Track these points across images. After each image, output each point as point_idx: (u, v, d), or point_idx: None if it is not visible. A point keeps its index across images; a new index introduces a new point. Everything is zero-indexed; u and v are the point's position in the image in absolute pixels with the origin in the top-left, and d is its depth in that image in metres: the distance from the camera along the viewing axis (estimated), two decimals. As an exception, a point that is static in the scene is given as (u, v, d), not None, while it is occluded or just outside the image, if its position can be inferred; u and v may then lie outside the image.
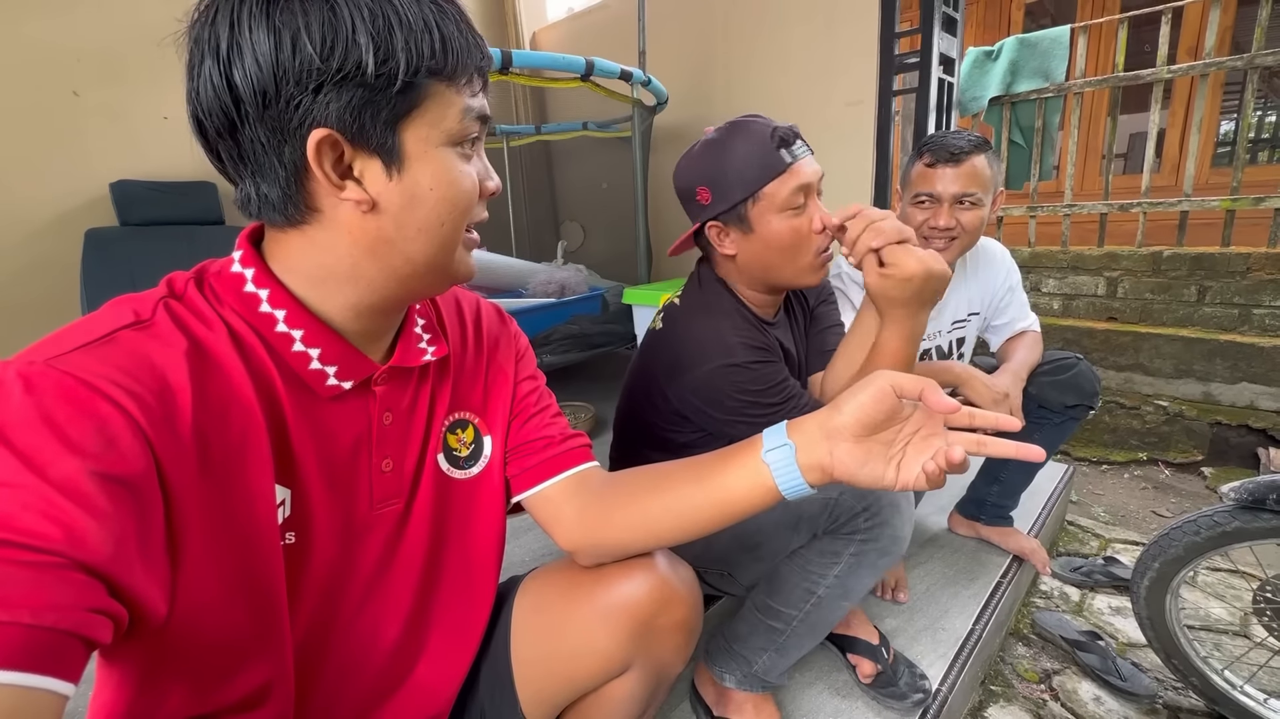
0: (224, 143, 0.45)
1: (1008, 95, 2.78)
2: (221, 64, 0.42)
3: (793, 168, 0.83)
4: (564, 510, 0.64)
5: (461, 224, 0.51)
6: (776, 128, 0.84)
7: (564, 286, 2.51)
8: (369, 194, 0.46)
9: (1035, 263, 2.77)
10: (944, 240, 1.21)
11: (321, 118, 0.43)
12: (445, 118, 0.47)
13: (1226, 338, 2.26)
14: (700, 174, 0.87)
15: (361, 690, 0.59)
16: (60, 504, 0.35)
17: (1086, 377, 1.28)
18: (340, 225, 0.47)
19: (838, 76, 2.47)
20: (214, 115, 0.44)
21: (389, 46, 0.43)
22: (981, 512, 1.49)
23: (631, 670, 0.62)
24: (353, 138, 0.44)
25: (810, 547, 0.82)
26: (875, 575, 0.81)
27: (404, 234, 0.48)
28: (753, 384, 0.85)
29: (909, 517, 0.81)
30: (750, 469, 0.56)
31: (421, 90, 0.45)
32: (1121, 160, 4.51)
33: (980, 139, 1.19)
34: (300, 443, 0.50)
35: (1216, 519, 1.02)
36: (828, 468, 0.53)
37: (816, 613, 0.84)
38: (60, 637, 0.34)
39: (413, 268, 0.50)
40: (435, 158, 0.47)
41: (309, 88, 0.42)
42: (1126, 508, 2.04)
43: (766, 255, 0.86)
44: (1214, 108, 3.29)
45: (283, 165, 0.44)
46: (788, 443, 0.54)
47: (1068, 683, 1.23)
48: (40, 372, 0.38)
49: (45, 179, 2.22)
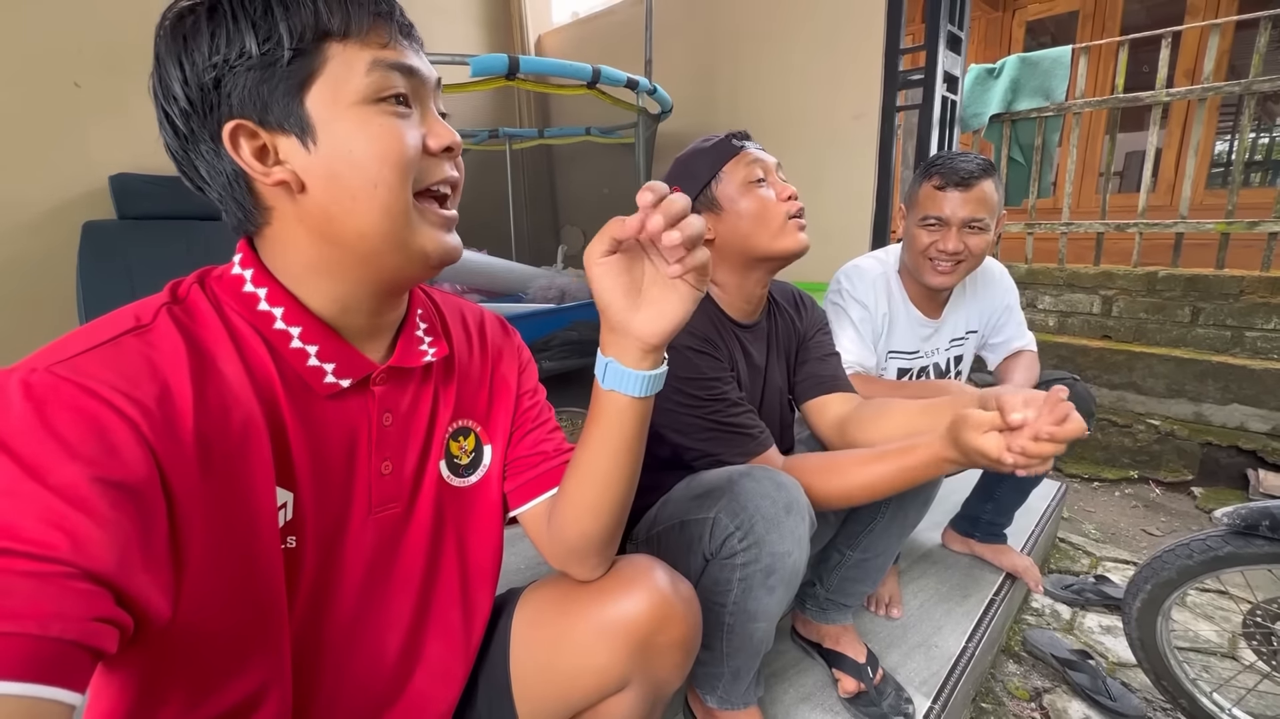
0: (193, 176, 0.49)
1: (1008, 113, 2.81)
2: (161, 104, 0.46)
3: (745, 150, 0.94)
4: (547, 527, 0.64)
5: (401, 185, 0.48)
6: (729, 131, 0.97)
7: (564, 292, 2.51)
8: (294, 171, 0.46)
9: (1032, 279, 2.79)
10: (950, 263, 1.21)
11: (228, 110, 0.45)
12: (350, 76, 0.46)
13: (1219, 359, 2.28)
14: (673, 178, 0.97)
15: (359, 697, 0.59)
16: (63, 512, 0.35)
17: (1082, 398, 1.29)
18: (289, 217, 0.48)
19: (842, 89, 2.48)
20: (175, 152, 0.48)
21: (269, 24, 0.44)
22: (975, 528, 1.49)
23: (630, 687, 0.62)
24: (260, 120, 0.45)
25: (707, 574, 0.81)
26: (774, 595, 0.79)
27: (341, 206, 0.47)
28: (681, 370, 0.86)
29: (794, 533, 0.77)
30: (605, 402, 0.55)
31: (316, 55, 0.45)
32: (1118, 179, 4.55)
33: (987, 162, 1.20)
34: (298, 444, 0.50)
35: (1210, 543, 1.02)
36: (643, 340, 0.52)
37: (736, 639, 0.83)
38: (67, 647, 0.34)
39: (368, 243, 0.48)
40: (349, 118, 0.46)
41: (210, 86, 0.44)
42: (1117, 525, 2.05)
43: (740, 226, 0.92)
44: (1210, 130, 3.33)
45: (223, 173, 0.47)
46: (608, 360, 0.54)
47: (1058, 702, 1.24)
48: (41, 379, 0.38)
49: (44, 171, 2.20)
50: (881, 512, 1.01)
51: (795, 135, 2.60)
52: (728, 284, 0.98)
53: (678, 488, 0.87)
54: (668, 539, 0.85)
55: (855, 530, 1.05)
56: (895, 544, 1.07)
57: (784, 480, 0.78)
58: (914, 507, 1.02)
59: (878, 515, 1.02)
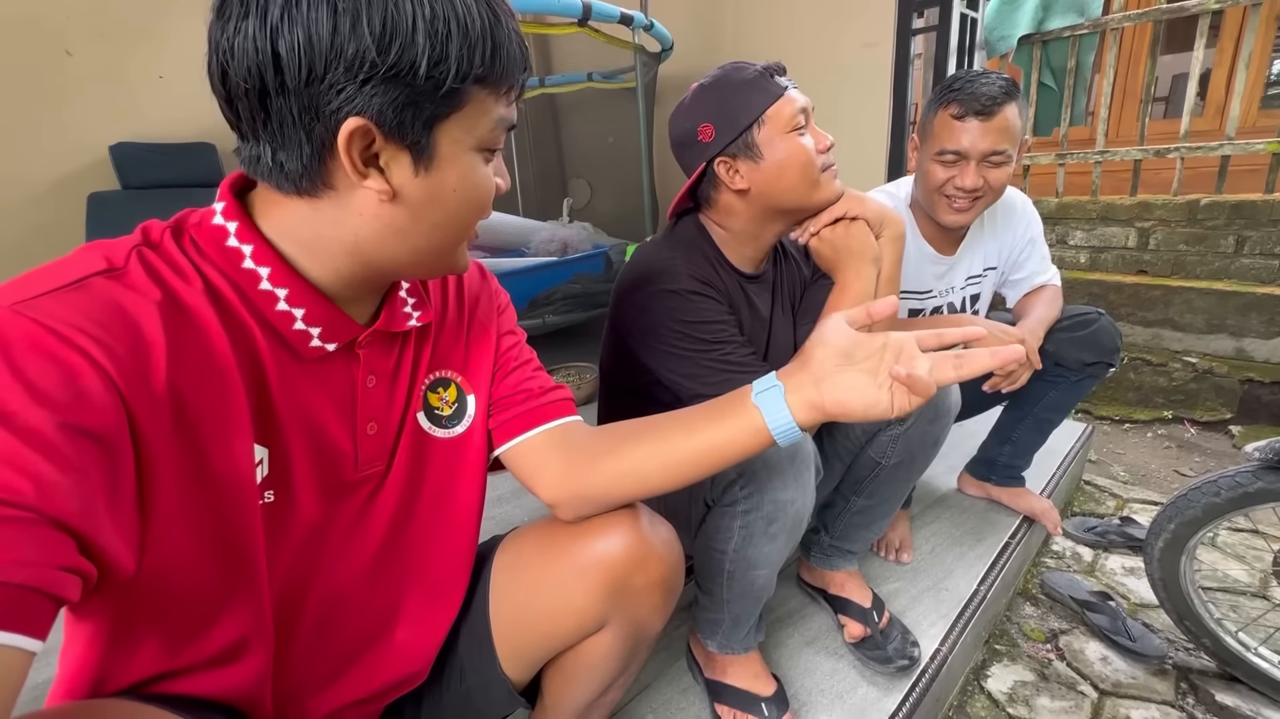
0: (246, 104, 0.42)
1: (1039, 33, 2.60)
2: (269, 28, 0.39)
3: (789, 93, 0.85)
4: (546, 462, 0.63)
5: (474, 223, 0.52)
6: (764, 64, 0.86)
7: (566, 245, 2.46)
8: (391, 185, 0.45)
9: (1062, 214, 2.64)
10: (967, 200, 1.13)
11: (363, 107, 0.42)
12: (480, 124, 0.47)
13: (1264, 291, 2.15)
14: (700, 114, 0.86)
15: (340, 647, 0.59)
16: (28, 457, 0.34)
17: (1107, 332, 1.22)
18: (353, 207, 0.46)
19: (853, 16, 2.32)
20: (246, 77, 0.41)
21: (444, 50, 0.42)
22: (992, 472, 1.45)
23: (608, 628, 0.62)
24: (388, 132, 0.43)
25: (708, 521, 0.81)
26: (775, 543, 0.79)
27: (419, 227, 0.48)
28: (686, 314, 0.84)
29: (798, 480, 0.76)
30: (741, 412, 0.57)
31: (465, 95, 0.45)
32: (1162, 105, 4.23)
33: (1010, 83, 1.09)
34: (282, 402, 0.49)
35: (1239, 479, 0.97)
36: (817, 403, 0.54)
37: (737, 586, 0.83)
38: (29, 594, 0.33)
39: (416, 257, 0.51)
40: (463, 160, 0.48)
41: (357, 77, 0.41)
42: (1148, 467, 1.98)
43: (781, 178, 0.85)
44: (1266, 43, 3.04)
45: (309, 141, 0.43)
46: (776, 384, 0.56)
47: (1074, 643, 1.21)
48: (5, 318, 0.37)
49: (44, 142, 2.20)
50: (887, 456, 0.98)
51: (804, 68, 2.42)
52: (742, 233, 0.92)
53: None
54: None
55: (861, 476, 1.02)
56: (902, 490, 1.03)
57: None
58: (921, 451, 0.98)
59: (883, 460, 0.98)
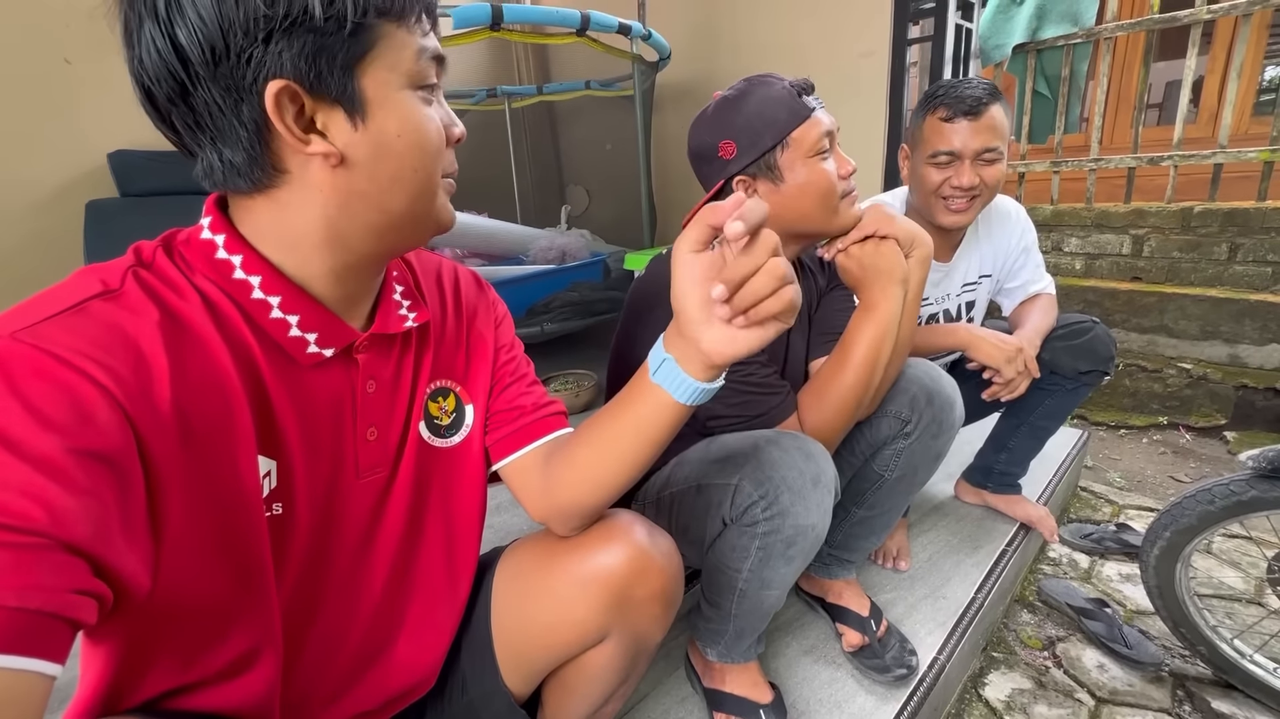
0: (177, 109, 0.43)
1: (1033, 42, 2.62)
2: (162, 24, 0.40)
3: (816, 114, 0.83)
4: (532, 480, 0.63)
5: (435, 170, 0.50)
6: (792, 80, 0.84)
7: (565, 252, 2.46)
8: (336, 147, 0.44)
9: (1057, 221, 2.65)
10: (965, 199, 1.15)
11: (275, 68, 0.41)
12: (402, 59, 0.46)
13: (1258, 297, 2.16)
14: (722, 129, 0.85)
15: (346, 659, 0.60)
16: (38, 483, 0.35)
17: (1102, 341, 1.23)
18: (311, 185, 0.46)
19: (850, 26, 2.33)
20: (162, 81, 0.42)
21: None
22: (988, 479, 1.45)
23: (609, 640, 0.62)
24: (311, 87, 0.43)
25: (724, 538, 0.79)
26: (792, 564, 0.78)
27: (378, 186, 0.47)
28: None
29: (820, 505, 0.75)
30: (649, 394, 0.54)
31: (373, 32, 0.44)
32: (1155, 111, 4.27)
33: (993, 86, 1.12)
34: (283, 412, 0.50)
35: (1233, 488, 0.98)
36: (708, 362, 0.50)
37: (746, 603, 0.82)
38: (46, 619, 0.34)
39: (390, 220, 0.49)
40: (398, 102, 0.46)
41: (258, 38, 0.40)
42: (1143, 473, 1.99)
43: (800, 203, 0.84)
44: (1257, 52, 3.07)
45: (243, 125, 0.43)
46: (666, 356, 0.53)
47: (1071, 650, 1.22)
48: (7, 347, 0.37)
49: (43, 150, 2.20)
50: (890, 469, 0.98)
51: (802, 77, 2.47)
52: None
53: (694, 450, 0.85)
54: (683, 501, 0.83)
55: (863, 488, 1.02)
56: (903, 502, 1.04)
57: (812, 450, 0.76)
58: (924, 464, 0.98)
59: (886, 474, 0.99)
